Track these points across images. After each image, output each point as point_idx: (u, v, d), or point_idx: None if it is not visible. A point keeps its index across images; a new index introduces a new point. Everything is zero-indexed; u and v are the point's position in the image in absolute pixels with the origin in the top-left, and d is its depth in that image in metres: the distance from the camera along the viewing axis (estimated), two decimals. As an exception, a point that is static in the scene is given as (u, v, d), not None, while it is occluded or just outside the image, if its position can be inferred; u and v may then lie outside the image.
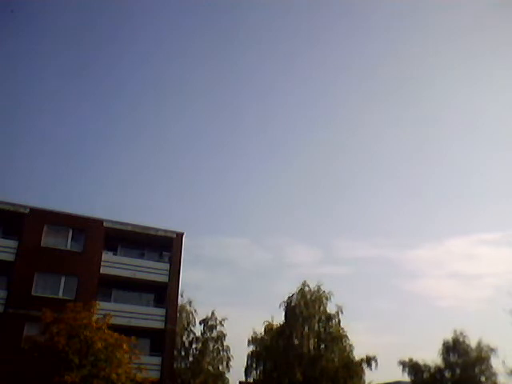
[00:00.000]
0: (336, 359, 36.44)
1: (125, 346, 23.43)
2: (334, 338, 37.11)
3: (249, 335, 40.19)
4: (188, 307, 40.73)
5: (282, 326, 38.02)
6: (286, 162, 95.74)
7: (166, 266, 33.43)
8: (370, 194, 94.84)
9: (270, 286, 75.47)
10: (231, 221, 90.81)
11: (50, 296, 28.94)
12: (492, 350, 40.91)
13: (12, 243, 29.66)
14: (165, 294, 32.77)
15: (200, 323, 40.55)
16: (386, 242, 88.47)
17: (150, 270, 32.82)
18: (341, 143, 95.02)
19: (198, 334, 40.36)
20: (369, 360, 36.98)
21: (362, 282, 78.29)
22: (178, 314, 36.98)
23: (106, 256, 31.98)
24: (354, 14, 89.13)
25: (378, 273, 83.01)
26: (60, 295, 29.46)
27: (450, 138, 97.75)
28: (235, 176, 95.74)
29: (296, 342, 36.53)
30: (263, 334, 39.64)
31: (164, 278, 32.92)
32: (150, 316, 31.94)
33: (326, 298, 38.38)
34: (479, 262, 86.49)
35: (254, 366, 38.74)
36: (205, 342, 39.64)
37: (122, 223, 33.09)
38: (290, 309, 37.76)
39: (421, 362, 42.64)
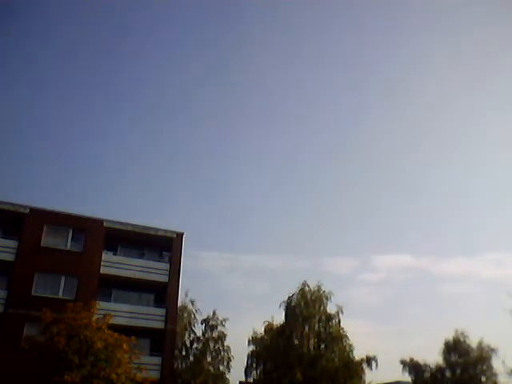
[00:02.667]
0: (336, 359, 36.27)
1: (125, 346, 23.43)
2: (334, 338, 36.97)
3: (249, 335, 40.23)
4: (190, 307, 40.64)
5: (282, 326, 37.89)
6: (315, 176, 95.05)
7: (166, 266, 33.48)
8: (405, 206, 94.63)
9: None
10: (268, 236, 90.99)
11: (50, 296, 28.99)
12: (493, 350, 40.91)
13: (12, 243, 29.74)
14: (165, 294, 32.81)
15: (201, 323, 40.50)
16: (419, 253, 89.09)
17: (150, 269, 32.87)
18: (373, 156, 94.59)
19: (200, 333, 40.31)
20: (369, 360, 36.88)
21: (395, 289, 79.95)
22: (180, 313, 37.00)
23: (106, 256, 32.05)
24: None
25: (411, 280, 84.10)
26: (60, 295, 29.52)
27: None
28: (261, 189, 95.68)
29: (296, 341, 36.40)
30: (263, 333, 39.60)
31: (164, 278, 32.99)
32: (150, 316, 31.98)
33: (326, 298, 38.24)
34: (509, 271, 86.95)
35: (254, 365, 38.69)
36: (206, 342, 39.56)
37: (122, 223, 33.15)
38: (290, 309, 37.63)
39: (421, 362, 42.67)
